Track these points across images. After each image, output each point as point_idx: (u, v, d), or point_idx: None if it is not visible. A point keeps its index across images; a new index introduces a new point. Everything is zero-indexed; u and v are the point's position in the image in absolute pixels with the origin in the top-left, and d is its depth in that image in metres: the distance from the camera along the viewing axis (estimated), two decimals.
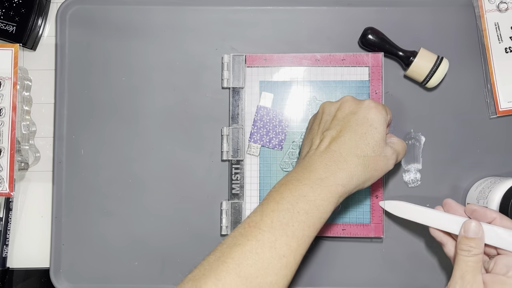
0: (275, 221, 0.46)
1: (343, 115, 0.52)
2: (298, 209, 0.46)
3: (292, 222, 0.46)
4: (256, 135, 0.61)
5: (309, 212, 0.47)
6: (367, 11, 0.63)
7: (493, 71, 0.61)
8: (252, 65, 0.62)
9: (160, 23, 0.64)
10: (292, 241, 0.45)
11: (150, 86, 0.63)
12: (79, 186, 0.63)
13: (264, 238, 0.45)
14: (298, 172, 0.49)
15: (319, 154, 0.50)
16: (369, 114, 0.51)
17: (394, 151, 0.52)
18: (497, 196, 0.55)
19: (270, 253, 0.44)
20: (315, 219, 0.47)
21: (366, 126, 0.50)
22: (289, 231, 0.45)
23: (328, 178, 0.48)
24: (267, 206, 0.47)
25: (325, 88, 0.62)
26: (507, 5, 0.61)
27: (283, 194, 0.47)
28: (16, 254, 0.64)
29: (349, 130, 0.51)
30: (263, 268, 0.44)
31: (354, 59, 0.61)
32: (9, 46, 0.60)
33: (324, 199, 0.47)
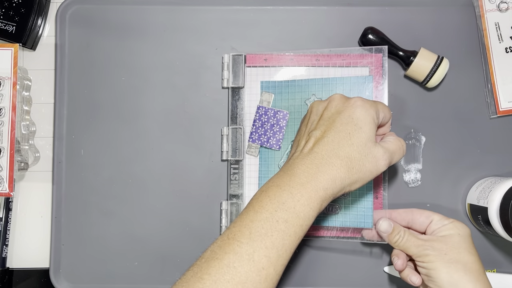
0: (254, 232, 0.44)
1: (329, 115, 0.50)
2: (277, 217, 0.44)
3: (271, 232, 0.44)
4: (255, 135, 0.61)
5: (288, 220, 0.44)
6: (367, 11, 0.63)
7: (493, 71, 0.61)
8: (252, 65, 0.62)
9: (160, 23, 0.63)
10: (272, 252, 0.43)
11: (150, 86, 0.63)
12: (79, 186, 0.63)
13: (242, 250, 0.43)
14: (279, 177, 0.47)
15: (302, 157, 0.48)
16: (354, 113, 0.49)
17: (386, 151, 0.49)
18: (497, 196, 0.55)
19: (249, 266, 0.42)
20: (296, 227, 0.45)
21: (351, 126, 0.48)
22: (268, 242, 0.43)
23: (309, 183, 0.46)
24: (246, 216, 0.45)
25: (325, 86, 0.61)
26: (507, 5, 0.61)
27: (263, 202, 0.45)
28: (16, 254, 0.64)
29: (333, 130, 0.48)
30: (241, 283, 0.42)
31: (355, 59, 0.61)
32: (9, 46, 0.60)
33: (304, 205, 0.45)
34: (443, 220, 0.54)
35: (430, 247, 0.51)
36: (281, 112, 0.61)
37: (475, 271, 0.50)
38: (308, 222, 0.46)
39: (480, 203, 0.57)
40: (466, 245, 0.51)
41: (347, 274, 0.62)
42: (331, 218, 0.59)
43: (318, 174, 0.46)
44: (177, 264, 0.62)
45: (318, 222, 0.59)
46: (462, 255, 0.50)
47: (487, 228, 0.57)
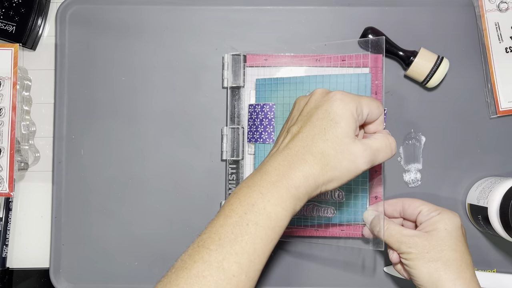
0: (223, 238, 0.42)
1: (308, 110, 0.47)
2: (247, 220, 0.42)
3: (241, 237, 0.41)
4: (250, 134, 0.61)
5: (259, 222, 0.42)
6: (367, 11, 0.63)
7: (493, 71, 0.61)
8: (252, 65, 0.62)
9: (160, 23, 0.63)
10: (242, 258, 0.41)
11: (149, 86, 0.63)
12: (79, 186, 0.63)
13: (211, 258, 0.41)
14: (251, 177, 0.45)
15: (276, 154, 0.45)
16: (331, 107, 0.45)
17: (366, 148, 0.45)
18: (497, 196, 0.55)
19: (218, 275, 0.40)
20: (267, 229, 0.42)
21: (327, 121, 0.45)
22: (237, 248, 0.41)
23: (279, 181, 0.43)
24: (217, 221, 0.43)
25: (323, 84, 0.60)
26: (507, 5, 0.61)
27: (233, 205, 0.43)
28: (16, 254, 0.64)
29: (308, 125, 0.46)
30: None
31: (354, 60, 0.61)
32: (9, 46, 0.60)
33: (275, 205, 0.43)
34: (430, 212, 0.53)
35: (413, 245, 0.51)
36: (266, 105, 0.61)
37: (455, 269, 0.49)
38: (281, 223, 0.43)
39: (480, 203, 0.57)
40: (450, 241, 0.51)
41: (347, 274, 0.62)
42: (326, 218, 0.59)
43: (289, 171, 0.44)
44: None
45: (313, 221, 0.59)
46: (444, 253, 0.50)
47: (487, 228, 0.57)
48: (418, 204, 0.54)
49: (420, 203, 0.54)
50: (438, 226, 0.51)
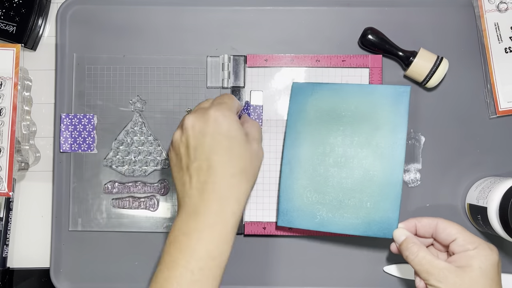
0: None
1: (196, 142, 0.47)
2: (191, 269, 0.43)
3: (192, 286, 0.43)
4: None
5: (204, 267, 0.43)
6: (367, 11, 0.63)
7: (493, 71, 0.61)
8: (253, 66, 0.62)
9: (160, 23, 0.64)
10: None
11: (149, 86, 0.63)
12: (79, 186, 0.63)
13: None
14: (183, 222, 0.46)
15: (198, 194, 0.46)
16: (221, 127, 0.47)
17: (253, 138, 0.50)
18: (497, 196, 0.55)
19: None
20: (214, 269, 0.44)
21: (226, 141, 0.47)
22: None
23: (217, 222, 0.45)
24: (161, 275, 0.44)
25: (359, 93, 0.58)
26: (507, 5, 0.61)
27: (173, 256, 0.44)
28: (16, 254, 0.64)
29: (214, 153, 0.47)
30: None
31: (354, 60, 0.61)
32: (11, 46, 0.60)
33: (218, 245, 0.44)
34: (466, 244, 0.49)
35: (443, 279, 0.47)
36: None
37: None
38: (226, 255, 0.45)
39: (479, 203, 0.57)
40: (484, 282, 0.47)
41: (347, 274, 0.62)
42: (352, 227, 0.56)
43: (223, 205, 0.45)
44: None
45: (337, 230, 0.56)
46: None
47: (487, 228, 0.57)
48: (454, 231, 0.50)
49: (456, 230, 0.50)
50: (472, 263, 0.47)
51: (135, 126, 0.63)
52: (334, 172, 0.56)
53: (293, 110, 0.58)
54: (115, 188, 0.63)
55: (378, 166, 0.55)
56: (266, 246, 0.62)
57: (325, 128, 0.57)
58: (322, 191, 0.56)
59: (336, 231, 0.56)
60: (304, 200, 0.57)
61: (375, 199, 0.55)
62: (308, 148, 0.57)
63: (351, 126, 0.56)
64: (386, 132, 0.56)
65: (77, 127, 0.63)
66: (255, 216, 0.62)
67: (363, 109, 0.57)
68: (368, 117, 0.56)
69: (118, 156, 0.63)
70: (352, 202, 0.56)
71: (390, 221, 0.55)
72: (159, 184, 0.63)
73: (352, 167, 0.56)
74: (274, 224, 0.61)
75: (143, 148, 0.63)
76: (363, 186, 0.56)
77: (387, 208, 0.55)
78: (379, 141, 0.56)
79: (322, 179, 0.56)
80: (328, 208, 0.56)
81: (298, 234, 0.61)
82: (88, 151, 0.63)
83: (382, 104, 0.56)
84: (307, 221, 0.56)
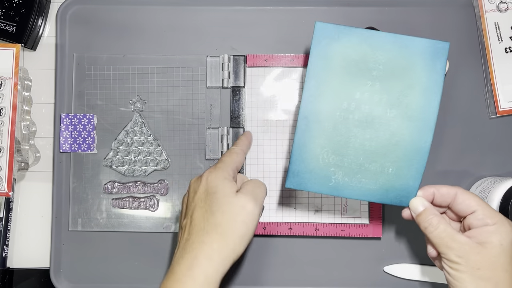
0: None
1: (188, 200, 0.51)
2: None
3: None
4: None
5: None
6: (367, 11, 0.63)
7: (493, 71, 0.61)
8: (253, 65, 0.62)
9: (160, 23, 0.64)
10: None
11: (149, 86, 0.63)
12: (79, 186, 0.63)
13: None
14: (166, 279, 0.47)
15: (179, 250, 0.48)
16: (208, 184, 0.49)
17: (246, 193, 0.49)
18: (497, 196, 0.55)
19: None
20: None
21: (209, 197, 0.48)
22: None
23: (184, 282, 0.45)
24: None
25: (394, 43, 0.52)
26: (507, 5, 0.61)
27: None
28: (16, 254, 0.64)
29: (196, 211, 0.49)
30: None
31: None
32: (11, 46, 0.60)
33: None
34: (486, 218, 0.47)
35: (464, 255, 0.46)
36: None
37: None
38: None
39: None
40: (505, 260, 0.45)
41: (347, 274, 0.62)
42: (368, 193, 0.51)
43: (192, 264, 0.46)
44: None
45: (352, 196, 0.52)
46: (496, 272, 0.45)
47: None
48: (474, 203, 0.48)
49: (476, 202, 0.48)
50: (493, 239, 0.46)
51: (135, 126, 0.63)
52: (358, 133, 0.50)
53: (315, 56, 0.50)
54: (115, 188, 0.63)
55: (406, 130, 0.50)
56: (266, 246, 0.62)
57: (351, 81, 0.50)
58: (341, 153, 0.51)
59: (350, 196, 0.51)
60: (319, 162, 0.51)
61: (399, 165, 0.50)
62: (330, 103, 0.50)
63: (380, 82, 0.50)
64: (419, 92, 0.50)
65: (77, 127, 0.63)
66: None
67: (396, 63, 0.50)
68: (401, 73, 0.50)
69: (118, 156, 0.63)
70: (373, 166, 0.51)
71: (409, 189, 0.51)
72: (159, 184, 0.63)
73: (378, 129, 0.50)
74: (274, 224, 0.61)
75: (143, 148, 0.63)
76: (388, 150, 0.50)
77: (409, 175, 0.51)
78: (411, 101, 0.50)
79: (343, 139, 0.50)
80: (345, 172, 0.51)
81: (298, 234, 0.61)
82: (88, 151, 0.63)
83: (418, 59, 0.50)
84: (320, 185, 0.51)
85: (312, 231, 0.61)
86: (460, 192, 0.49)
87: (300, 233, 0.61)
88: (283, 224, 0.61)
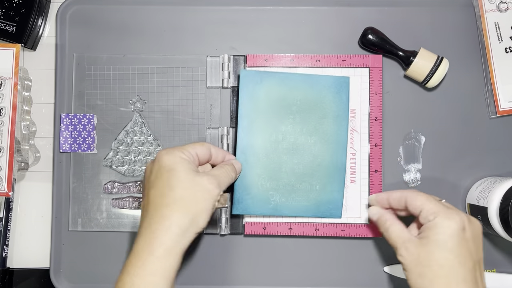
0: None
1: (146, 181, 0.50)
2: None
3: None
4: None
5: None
6: (367, 11, 0.63)
7: (493, 71, 0.61)
8: (253, 66, 0.62)
9: (160, 23, 0.64)
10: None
11: (149, 86, 0.63)
12: (79, 186, 0.63)
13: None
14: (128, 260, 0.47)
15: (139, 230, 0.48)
16: (164, 163, 0.48)
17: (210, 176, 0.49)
18: (497, 196, 0.55)
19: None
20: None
21: (166, 174, 0.48)
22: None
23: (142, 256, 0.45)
24: None
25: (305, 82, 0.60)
26: (507, 5, 0.61)
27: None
28: (16, 254, 0.64)
29: (152, 188, 0.48)
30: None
31: (354, 60, 0.61)
32: (11, 46, 0.60)
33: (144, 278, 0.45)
34: (428, 215, 0.48)
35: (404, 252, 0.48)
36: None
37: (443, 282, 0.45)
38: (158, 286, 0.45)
39: (480, 203, 0.57)
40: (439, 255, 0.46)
41: (347, 274, 0.62)
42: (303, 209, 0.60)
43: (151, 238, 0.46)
44: None
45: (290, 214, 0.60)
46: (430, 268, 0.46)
47: (487, 228, 0.57)
48: (419, 203, 0.49)
49: (420, 202, 0.49)
50: (428, 234, 0.47)
51: (135, 126, 0.63)
52: (287, 159, 0.59)
53: (244, 98, 0.59)
54: (115, 188, 0.63)
55: (325, 152, 0.60)
56: (266, 246, 0.62)
57: (276, 116, 0.59)
58: (276, 178, 0.59)
59: (289, 214, 0.60)
60: (259, 188, 0.59)
61: (323, 181, 0.60)
62: (261, 137, 0.59)
63: (300, 115, 0.60)
64: (331, 120, 0.60)
65: (77, 127, 0.63)
66: (255, 216, 0.62)
67: (310, 98, 0.60)
68: (315, 106, 0.60)
69: (118, 156, 0.63)
70: (303, 186, 0.60)
71: (336, 202, 0.60)
72: None
73: (303, 154, 0.60)
74: (274, 224, 0.61)
75: (143, 148, 0.63)
76: (313, 170, 0.60)
77: (333, 189, 0.60)
78: (326, 128, 0.60)
79: (276, 166, 0.59)
80: (281, 193, 0.59)
81: (298, 234, 0.61)
82: (88, 151, 0.63)
83: (326, 93, 0.60)
84: (262, 207, 0.59)
85: (312, 231, 0.61)
86: (408, 196, 0.51)
87: (300, 233, 0.61)
88: (283, 224, 0.61)
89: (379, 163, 0.61)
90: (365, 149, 0.61)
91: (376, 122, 0.61)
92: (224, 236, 0.62)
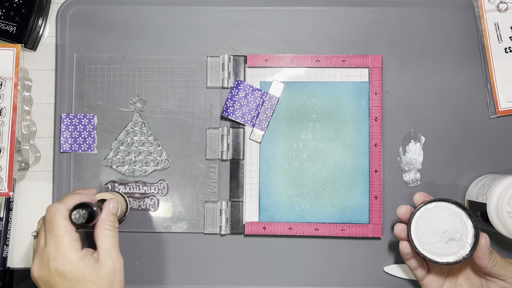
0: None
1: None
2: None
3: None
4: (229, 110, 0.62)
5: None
6: (367, 11, 0.63)
7: (493, 71, 0.61)
8: (253, 66, 0.62)
9: (160, 23, 0.64)
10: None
11: (149, 86, 0.63)
12: (79, 186, 0.63)
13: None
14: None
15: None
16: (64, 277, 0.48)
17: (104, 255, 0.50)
18: (496, 192, 0.55)
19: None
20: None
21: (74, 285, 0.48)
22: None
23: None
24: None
25: (324, 90, 0.62)
26: (506, 5, 0.61)
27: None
28: (16, 254, 0.64)
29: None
30: None
31: (354, 60, 0.62)
32: (11, 46, 0.60)
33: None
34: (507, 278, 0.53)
35: None
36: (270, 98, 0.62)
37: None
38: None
39: (479, 199, 0.57)
40: None
41: (347, 274, 0.62)
42: (328, 215, 0.61)
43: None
44: (177, 264, 0.62)
45: (316, 220, 0.61)
46: None
47: (486, 225, 0.57)
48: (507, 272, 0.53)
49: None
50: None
51: (135, 126, 0.63)
52: (309, 166, 0.62)
53: None
54: (115, 188, 0.63)
55: (347, 157, 0.61)
56: (266, 246, 0.62)
57: (296, 125, 0.62)
58: (299, 184, 0.61)
59: (314, 221, 0.61)
60: (283, 194, 0.61)
61: (347, 186, 0.61)
62: (282, 145, 0.62)
63: (319, 122, 0.62)
64: (351, 125, 0.62)
65: (77, 127, 0.63)
66: (255, 216, 0.62)
67: (329, 105, 0.62)
68: (334, 112, 0.62)
69: (118, 156, 0.63)
70: (326, 191, 0.61)
71: (362, 206, 0.61)
72: (159, 184, 0.63)
73: (324, 160, 0.62)
74: (274, 224, 0.61)
75: (143, 148, 0.63)
76: (336, 176, 0.61)
77: (358, 194, 0.61)
78: (346, 134, 0.62)
79: (298, 173, 0.62)
80: (305, 199, 0.61)
81: (298, 234, 0.61)
82: (88, 151, 0.63)
83: (345, 99, 0.62)
84: (288, 214, 0.61)
85: (312, 231, 0.61)
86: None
87: (300, 233, 0.61)
88: (283, 224, 0.61)
89: (379, 163, 0.61)
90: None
91: (376, 122, 0.61)
92: (224, 236, 0.62)
